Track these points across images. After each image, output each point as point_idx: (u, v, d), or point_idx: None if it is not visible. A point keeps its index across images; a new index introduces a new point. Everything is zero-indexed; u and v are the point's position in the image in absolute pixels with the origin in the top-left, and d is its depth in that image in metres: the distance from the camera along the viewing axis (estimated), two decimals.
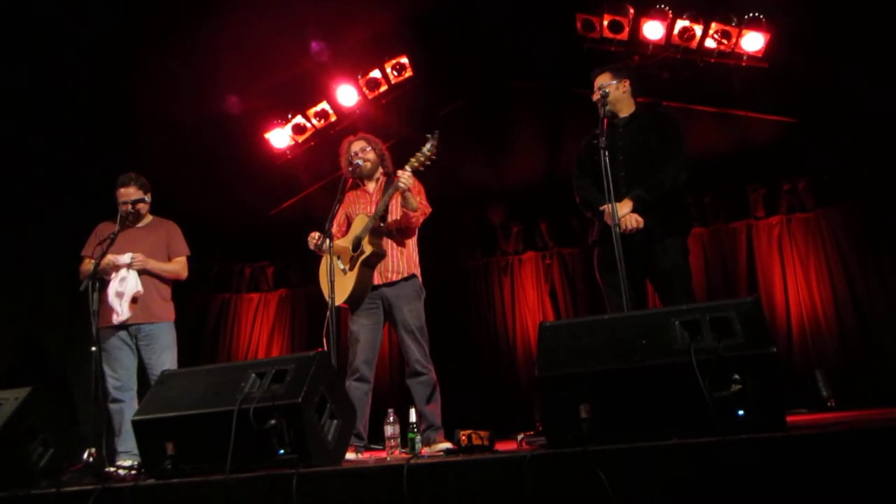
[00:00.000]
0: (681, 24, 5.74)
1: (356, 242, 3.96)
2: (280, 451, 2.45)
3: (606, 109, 3.71)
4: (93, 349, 3.89)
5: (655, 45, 5.91)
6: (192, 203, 5.75)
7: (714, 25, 5.71)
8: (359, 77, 6.41)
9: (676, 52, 5.92)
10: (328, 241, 3.81)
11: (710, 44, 5.79)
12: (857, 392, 5.00)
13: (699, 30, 5.76)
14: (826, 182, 5.95)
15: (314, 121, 6.61)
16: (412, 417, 3.69)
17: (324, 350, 2.91)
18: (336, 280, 3.81)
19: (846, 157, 5.77)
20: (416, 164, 3.85)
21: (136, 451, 3.01)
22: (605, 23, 5.84)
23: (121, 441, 4.15)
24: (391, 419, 3.62)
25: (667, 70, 6.02)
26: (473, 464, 2.18)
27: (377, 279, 4.00)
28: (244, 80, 6.08)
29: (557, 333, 2.43)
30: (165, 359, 4.32)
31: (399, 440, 3.62)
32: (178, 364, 4.39)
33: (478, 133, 6.75)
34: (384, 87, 6.48)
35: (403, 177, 3.79)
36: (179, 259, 4.58)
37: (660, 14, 5.77)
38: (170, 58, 5.32)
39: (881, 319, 5.49)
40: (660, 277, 3.67)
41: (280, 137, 6.68)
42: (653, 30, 5.82)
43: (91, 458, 3.52)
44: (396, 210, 4.06)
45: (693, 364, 2.08)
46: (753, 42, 5.70)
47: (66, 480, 2.74)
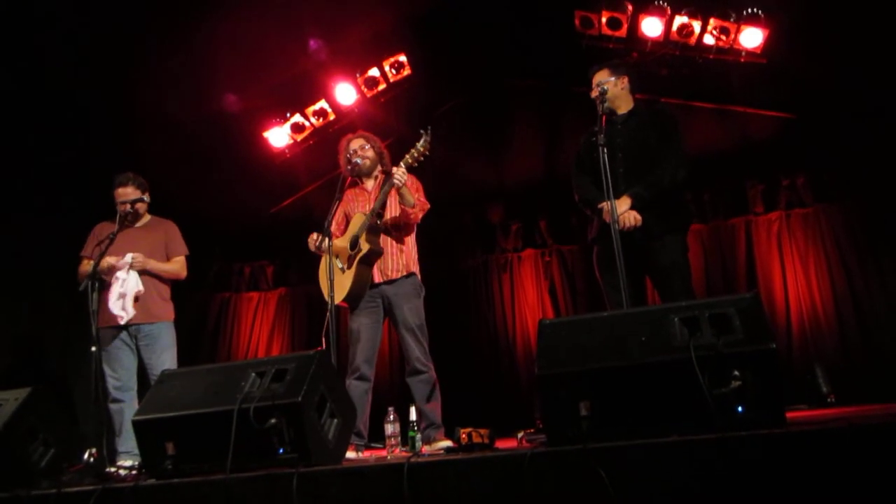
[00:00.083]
0: (679, 21, 5.74)
1: (353, 241, 3.96)
2: (280, 451, 2.45)
3: (605, 106, 3.70)
4: (93, 349, 3.89)
5: (654, 42, 5.91)
6: (192, 202, 5.74)
7: (712, 21, 5.71)
8: (357, 75, 6.41)
9: (675, 49, 5.92)
10: (327, 241, 3.81)
11: (709, 40, 5.79)
12: (857, 389, 4.98)
13: (697, 26, 5.76)
14: (826, 182, 5.92)
15: (313, 119, 6.62)
16: (412, 416, 3.69)
17: (323, 349, 2.91)
18: (335, 279, 3.81)
19: (846, 156, 5.74)
20: (410, 161, 3.86)
21: (137, 451, 3.02)
22: (604, 19, 5.84)
23: (121, 441, 4.15)
24: (391, 417, 3.63)
25: (665, 66, 6.01)
26: (474, 462, 2.18)
27: (377, 277, 4.00)
28: (243, 80, 6.09)
29: (557, 331, 2.43)
30: (165, 358, 4.32)
31: (399, 438, 3.63)
32: (178, 364, 4.38)
33: (476, 131, 6.75)
34: (383, 86, 6.48)
35: (398, 173, 3.79)
36: (178, 259, 4.57)
37: (658, 10, 5.76)
38: (169, 57, 5.32)
39: (881, 319, 5.45)
40: (659, 274, 3.66)
41: (279, 136, 6.69)
42: (651, 26, 5.82)
43: (91, 459, 3.50)
44: (395, 207, 4.06)
45: (693, 361, 2.08)
46: (752, 38, 5.70)
47: (67, 481, 2.74)
